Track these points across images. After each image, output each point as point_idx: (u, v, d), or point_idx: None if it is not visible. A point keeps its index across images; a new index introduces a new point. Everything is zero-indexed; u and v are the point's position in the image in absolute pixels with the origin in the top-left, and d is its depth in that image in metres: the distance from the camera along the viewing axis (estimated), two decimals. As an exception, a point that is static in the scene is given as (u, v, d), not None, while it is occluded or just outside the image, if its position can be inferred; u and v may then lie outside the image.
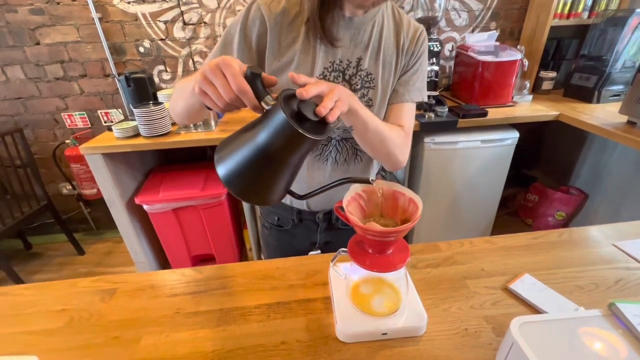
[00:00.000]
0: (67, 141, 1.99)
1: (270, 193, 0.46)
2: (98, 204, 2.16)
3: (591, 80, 1.82)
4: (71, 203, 2.28)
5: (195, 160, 2.07)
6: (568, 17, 1.91)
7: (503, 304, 0.61)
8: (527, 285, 0.64)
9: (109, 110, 2.02)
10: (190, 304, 0.64)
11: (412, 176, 1.90)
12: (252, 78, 0.43)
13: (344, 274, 0.60)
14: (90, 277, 0.72)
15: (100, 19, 1.77)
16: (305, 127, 0.41)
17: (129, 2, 1.77)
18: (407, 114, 0.74)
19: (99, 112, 2.02)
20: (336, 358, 0.52)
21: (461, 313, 0.60)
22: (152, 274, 0.72)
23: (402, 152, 0.72)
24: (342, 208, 0.52)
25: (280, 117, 0.40)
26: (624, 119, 1.50)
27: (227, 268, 0.73)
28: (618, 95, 1.80)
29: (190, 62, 1.95)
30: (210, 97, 0.44)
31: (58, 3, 1.72)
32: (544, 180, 2.30)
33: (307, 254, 0.78)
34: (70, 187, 2.22)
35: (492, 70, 1.77)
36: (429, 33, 1.81)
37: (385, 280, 0.60)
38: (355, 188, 0.53)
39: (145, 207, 1.69)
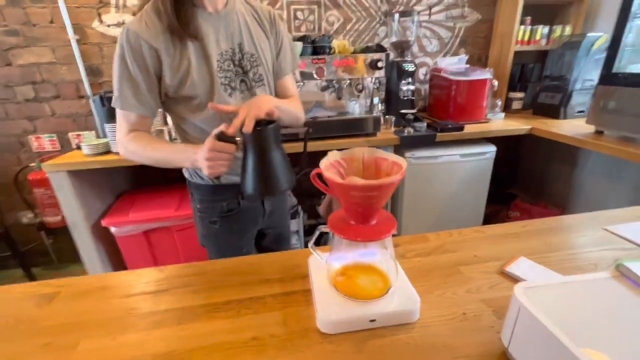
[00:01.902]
0: (31, 164, 1.87)
1: (289, 172, 0.69)
2: (62, 233, 1.99)
3: (556, 98, 1.93)
4: (31, 233, 2.08)
5: (170, 182, 1.98)
6: (529, 43, 2.07)
7: (501, 286, 0.56)
8: (524, 267, 0.59)
9: (81, 133, 1.94)
10: (147, 303, 0.54)
11: (394, 192, 1.88)
12: (221, 137, 0.63)
13: (324, 257, 0.53)
14: (30, 282, 0.61)
15: (78, 41, 1.76)
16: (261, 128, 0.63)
17: (108, 26, 1.78)
18: (292, 83, 0.94)
19: (69, 134, 1.94)
20: (317, 351, 0.44)
21: (457, 298, 0.53)
22: (105, 275, 0.63)
23: (301, 112, 0.90)
24: (319, 176, 0.47)
25: (248, 135, 0.62)
26: (591, 128, 1.57)
27: (193, 266, 0.64)
28: (582, 111, 1.91)
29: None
30: (220, 169, 0.64)
31: (34, 25, 1.71)
32: (523, 197, 2.33)
33: (259, 228, 0.96)
34: (32, 215, 2.04)
35: (465, 88, 1.86)
36: (403, 55, 1.90)
37: (372, 265, 0.54)
38: (334, 155, 0.49)
39: (112, 229, 1.56)
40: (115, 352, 0.45)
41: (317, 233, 0.50)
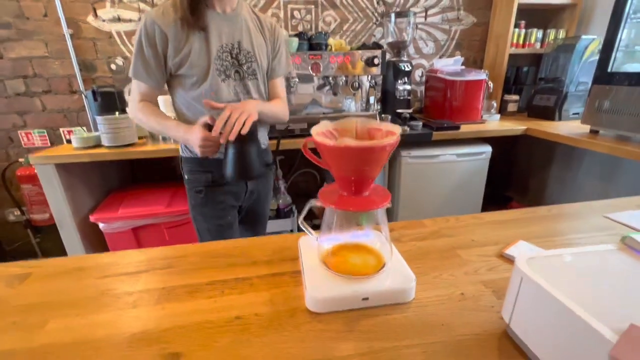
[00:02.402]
0: (20, 160, 1.83)
1: (261, 163, 0.93)
2: (49, 231, 1.93)
3: (551, 99, 1.93)
4: (18, 231, 2.02)
5: (164, 180, 1.95)
6: (523, 46, 2.09)
7: (500, 269, 0.53)
8: (524, 251, 0.56)
9: (73, 129, 1.91)
10: (125, 284, 0.51)
11: (391, 190, 1.86)
12: (210, 127, 0.81)
13: (315, 236, 0.50)
14: (2, 263, 0.57)
15: (71, 35, 1.74)
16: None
17: (104, 20, 1.77)
18: (281, 86, 1.08)
19: (61, 129, 1.90)
20: (305, 330, 0.41)
21: (454, 279, 0.51)
22: (82, 257, 0.59)
23: (284, 114, 1.06)
24: (313, 151, 0.45)
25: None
26: (586, 128, 1.57)
27: (177, 248, 0.61)
28: (577, 114, 1.91)
29: (164, 80, 1.92)
30: (209, 153, 0.85)
31: (27, 18, 1.69)
32: (519, 199, 2.32)
33: (240, 204, 1.08)
34: (19, 212, 1.99)
35: (461, 89, 1.86)
36: (399, 56, 1.90)
37: (365, 245, 0.51)
38: (326, 125, 0.47)
39: (101, 225, 1.52)
40: (86, 331, 0.41)
41: (307, 207, 0.47)
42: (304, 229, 0.50)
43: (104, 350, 0.39)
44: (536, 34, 2.08)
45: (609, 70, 1.46)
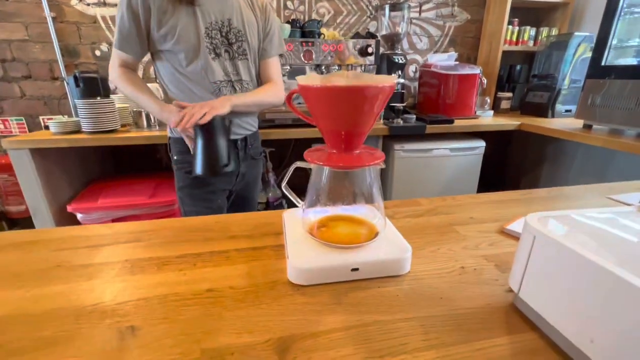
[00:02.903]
0: (-5, 148, 1.73)
1: (233, 157, 0.90)
2: (26, 224, 1.84)
3: (544, 97, 1.93)
4: (-9, 225, 1.92)
5: (149, 170, 1.87)
6: (517, 43, 2.09)
7: (502, 244, 0.48)
8: (526, 226, 0.52)
9: (53, 117, 1.82)
10: (82, 257, 0.45)
11: (383, 186, 1.82)
12: None
13: (301, 203, 0.45)
14: (-57, 238, 0.51)
15: (54, 19, 1.66)
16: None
17: (88, 4, 1.70)
18: (276, 66, 1.04)
19: (40, 118, 1.82)
20: (285, 303, 0.36)
21: (453, 253, 0.46)
22: (38, 230, 0.52)
23: (276, 98, 1.01)
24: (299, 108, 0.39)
25: (196, 127, 0.83)
26: (580, 123, 1.56)
27: (149, 223, 0.55)
28: (569, 111, 1.91)
29: (151, 69, 1.85)
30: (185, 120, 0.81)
31: (7, -1, 1.61)
32: (512, 198, 2.31)
33: (231, 188, 1.05)
34: (-7, 204, 1.88)
35: (455, 83, 1.84)
36: (393, 49, 1.87)
37: (356, 217, 0.46)
38: (314, 79, 0.42)
39: (79, 216, 1.44)
40: (26, 304, 0.35)
41: (291, 169, 0.42)
42: (287, 194, 0.45)
43: (46, 324, 0.33)
44: (529, 31, 2.08)
45: (602, 63, 1.45)
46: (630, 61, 1.47)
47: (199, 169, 0.84)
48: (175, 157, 0.99)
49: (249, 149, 1.07)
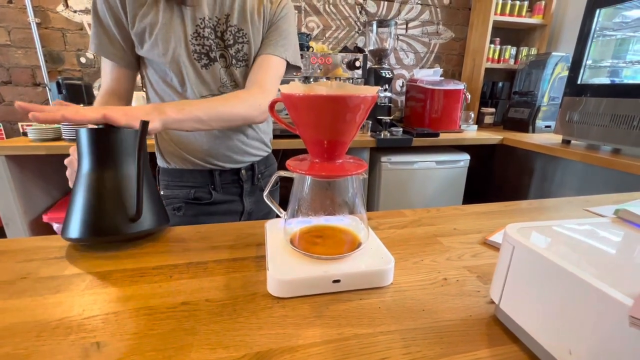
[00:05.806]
0: (-31, 154, 1.66)
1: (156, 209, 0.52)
2: (1, 235, 1.75)
3: (525, 112, 2.00)
4: (-40, 235, 1.82)
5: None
6: (499, 61, 2.17)
7: (485, 255, 0.49)
8: (508, 238, 0.53)
9: (32, 123, 1.77)
10: (52, 268, 0.42)
11: (370, 198, 1.82)
12: None
13: (283, 213, 0.44)
14: None
15: (38, 24, 1.64)
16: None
17: (75, 11, 1.68)
18: (268, 67, 0.74)
19: (19, 124, 1.76)
20: (263, 316, 0.34)
21: (436, 265, 0.46)
22: (10, 240, 0.50)
23: (252, 109, 0.69)
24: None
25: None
26: (559, 138, 1.62)
27: (125, 233, 0.52)
28: (549, 126, 1.98)
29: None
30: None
31: (-10, 3, 1.58)
32: (496, 211, 2.35)
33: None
34: (-37, 213, 1.79)
35: (440, 97, 1.89)
36: (380, 63, 1.92)
37: (338, 227, 0.45)
38: (297, 87, 0.42)
39: (55, 226, 1.38)
40: (-14, 318, 0.33)
41: (273, 178, 0.41)
42: (269, 203, 0.44)
43: (4, 340, 0.30)
44: (510, 50, 2.17)
45: (578, 82, 1.52)
46: (604, 80, 1.54)
47: (69, 225, 0.45)
48: (162, 192, 0.82)
49: (257, 180, 0.84)
